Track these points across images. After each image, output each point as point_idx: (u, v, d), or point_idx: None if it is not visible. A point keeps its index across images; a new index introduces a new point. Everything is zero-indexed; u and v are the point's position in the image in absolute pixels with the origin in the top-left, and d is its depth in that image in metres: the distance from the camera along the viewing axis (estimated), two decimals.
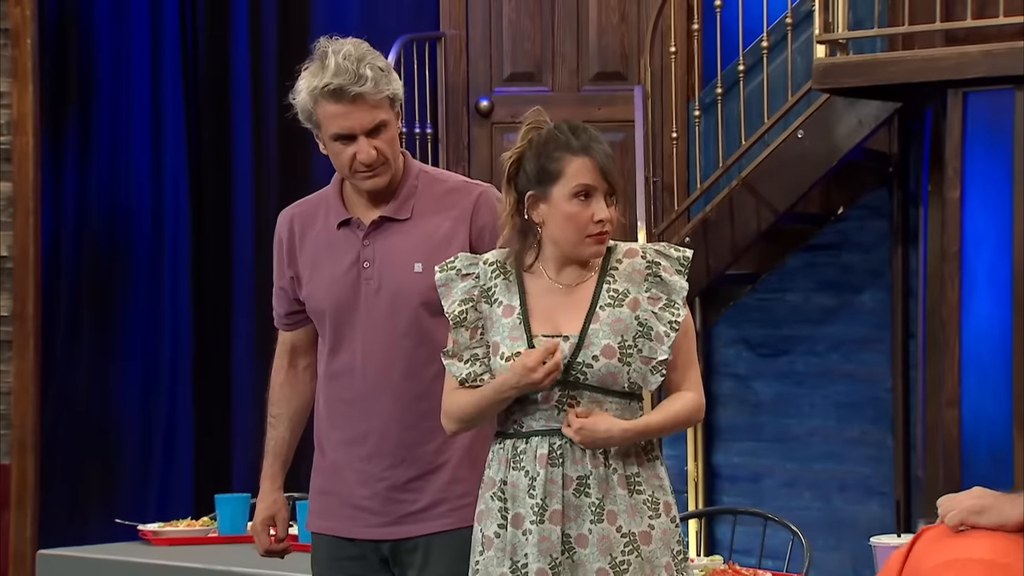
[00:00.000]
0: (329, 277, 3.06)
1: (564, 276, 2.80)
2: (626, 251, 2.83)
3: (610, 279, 2.80)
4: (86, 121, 6.77)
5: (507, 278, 2.81)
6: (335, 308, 3.05)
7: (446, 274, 2.84)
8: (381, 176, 3.03)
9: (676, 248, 2.85)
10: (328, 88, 2.98)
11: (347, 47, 3.02)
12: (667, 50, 6.19)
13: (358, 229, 3.06)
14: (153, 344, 6.75)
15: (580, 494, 2.73)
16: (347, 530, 3.07)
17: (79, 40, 6.75)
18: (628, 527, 2.73)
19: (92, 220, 6.76)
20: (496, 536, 2.76)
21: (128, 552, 4.05)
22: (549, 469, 2.73)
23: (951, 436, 5.14)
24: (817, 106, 5.70)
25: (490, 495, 2.79)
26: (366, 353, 3.03)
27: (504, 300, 2.80)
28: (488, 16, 6.67)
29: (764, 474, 6.20)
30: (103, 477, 6.70)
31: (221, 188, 6.82)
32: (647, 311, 2.77)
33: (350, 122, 2.99)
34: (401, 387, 3.01)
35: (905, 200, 5.99)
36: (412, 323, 3.01)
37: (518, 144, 2.82)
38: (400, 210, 3.05)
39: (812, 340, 6.20)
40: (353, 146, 3.00)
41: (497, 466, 2.79)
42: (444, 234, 3.03)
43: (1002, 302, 5.08)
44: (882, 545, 3.02)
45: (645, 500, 2.76)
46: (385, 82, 3.01)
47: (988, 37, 5.15)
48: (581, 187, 2.75)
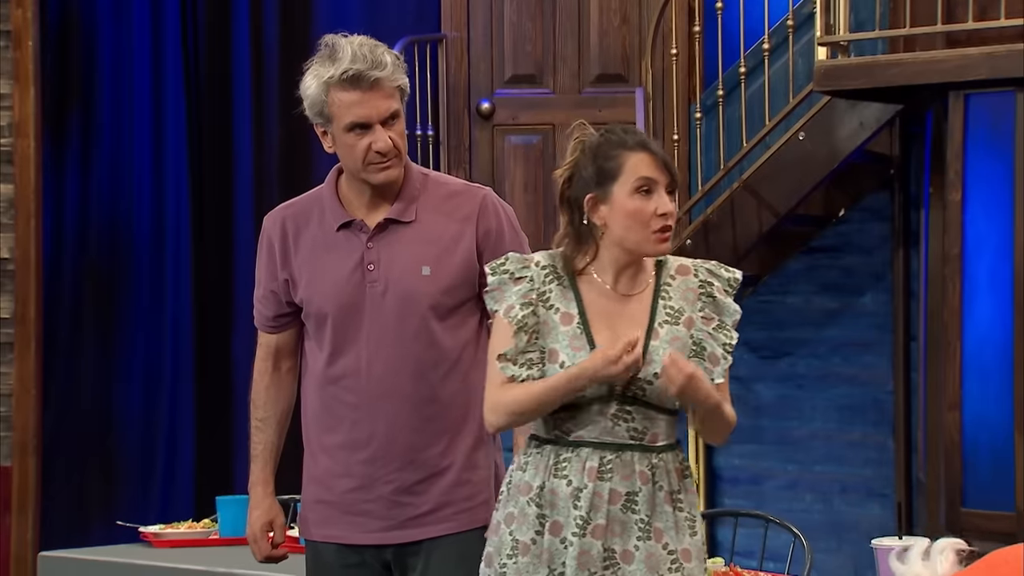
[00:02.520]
0: (331, 280, 3.03)
1: (620, 284, 2.78)
2: (678, 267, 2.82)
3: (664, 295, 2.78)
4: (88, 123, 6.77)
5: (561, 283, 2.77)
6: (338, 311, 3.02)
7: (498, 277, 2.79)
8: (394, 168, 3.00)
9: (727, 268, 2.84)
10: (347, 75, 2.94)
11: (359, 38, 3.01)
12: (668, 52, 6.19)
13: (361, 231, 3.03)
14: (154, 346, 6.75)
15: (627, 510, 2.71)
16: (349, 537, 3.05)
17: (81, 42, 6.76)
18: (674, 544, 2.73)
19: (93, 222, 6.76)
20: (532, 543, 2.73)
21: (129, 554, 4.05)
22: (597, 483, 2.70)
23: (952, 439, 5.13)
24: (818, 108, 5.70)
25: (526, 500, 2.75)
26: (372, 356, 3.00)
27: (560, 307, 2.76)
28: (489, 18, 6.67)
29: (765, 476, 6.19)
30: (104, 479, 6.70)
31: (222, 190, 6.82)
32: (701, 331, 2.76)
33: (367, 110, 2.96)
34: (408, 390, 2.99)
35: (906, 202, 5.99)
36: (420, 326, 2.99)
37: (569, 158, 2.79)
38: (405, 212, 3.03)
39: (813, 342, 6.19)
40: (369, 136, 2.97)
41: (534, 471, 2.76)
42: (451, 237, 3.02)
43: (1003, 305, 5.07)
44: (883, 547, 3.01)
45: (685, 517, 2.76)
46: (399, 71, 3.00)
47: (989, 39, 5.15)
48: (642, 181, 2.72)
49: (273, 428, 3.18)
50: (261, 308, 3.15)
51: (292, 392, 3.18)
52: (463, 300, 3.03)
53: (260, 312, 3.16)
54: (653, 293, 2.78)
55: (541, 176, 6.56)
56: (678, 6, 6.17)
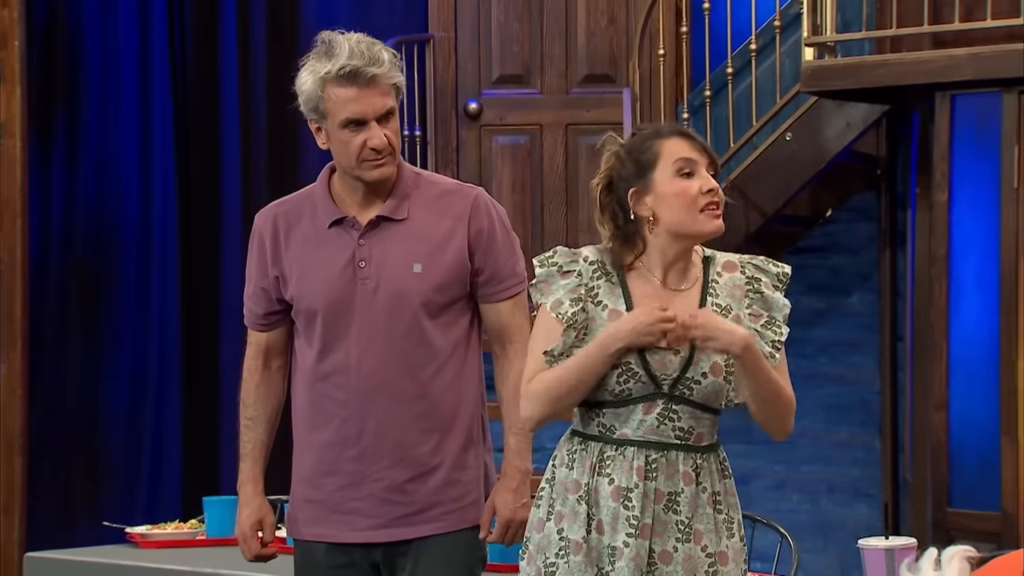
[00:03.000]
0: (322, 277, 3.02)
1: (669, 279, 2.75)
2: (724, 263, 2.79)
3: (712, 293, 2.76)
4: (74, 122, 6.75)
5: (609, 279, 2.75)
6: (329, 307, 3.01)
7: (546, 270, 2.75)
8: (388, 166, 3.00)
9: (775, 263, 2.83)
10: (344, 70, 2.95)
11: (356, 35, 3.02)
12: (656, 53, 6.19)
13: (352, 228, 3.03)
14: (141, 346, 6.74)
15: (669, 510, 2.69)
16: (338, 535, 3.04)
17: (67, 41, 6.74)
18: (712, 547, 2.71)
19: (80, 222, 6.75)
20: (584, 541, 2.70)
21: (116, 555, 4.03)
22: (645, 483, 2.69)
23: (939, 439, 5.14)
24: (805, 109, 5.70)
25: (576, 498, 2.71)
26: (362, 352, 2.99)
27: (609, 303, 2.73)
28: (477, 18, 6.67)
29: (753, 476, 6.20)
30: (91, 480, 6.69)
31: (209, 190, 6.80)
32: (749, 328, 2.74)
33: (362, 106, 2.96)
34: (399, 387, 2.99)
35: (893, 203, 6.00)
36: (412, 323, 2.98)
37: (604, 167, 2.77)
38: (397, 210, 3.02)
39: (800, 342, 6.20)
40: (364, 132, 2.97)
41: (581, 469, 2.73)
42: (443, 235, 3.01)
43: (989, 305, 5.08)
44: (870, 547, 3.01)
45: (724, 519, 2.74)
46: (396, 69, 3.01)
47: (975, 40, 5.16)
48: (682, 163, 2.70)
49: (263, 427, 3.16)
50: (251, 306, 3.14)
51: (282, 391, 3.17)
52: (454, 298, 3.03)
53: (250, 310, 3.15)
54: (701, 290, 2.76)
55: (528, 176, 6.55)
56: (665, 6, 6.18)
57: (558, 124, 6.60)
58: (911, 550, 3.00)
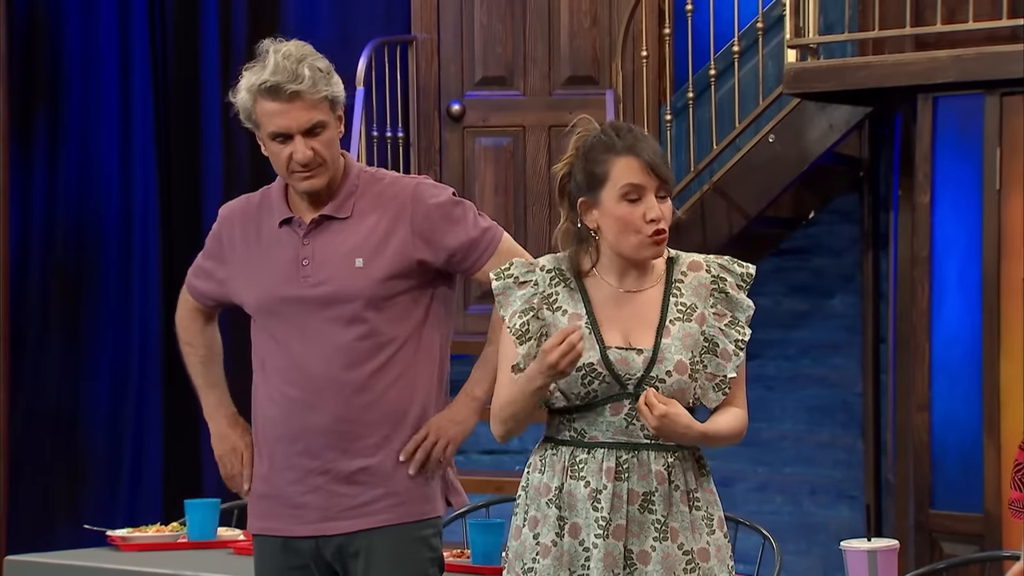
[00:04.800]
0: (267, 276, 3.09)
1: (626, 282, 2.76)
2: (690, 263, 2.80)
3: (676, 292, 2.76)
4: (55, 123, 6.73)
5: (568, 285, 2.76)
6: (273, 306, 3.07)
7: (503, 282, 2.78)
8: (318, 177, 3.04)
9: (740, 264, 2.83)
10: (265, 85, 3.01)
11: (288, 47, 3.05)
12: (639, 54, 6.19)
13: (298, 228, 3.08)
14: (122, 348, 6.72)
15: (644, 510, 2.70)
16: (288, 529, 3.06)
17: (47, 41, 6.72)
18: (689, 544, 2.71)
19: (61, 222, 6.73)
20: (553, 544, 2.71)
21: (97, 558, 4.02)
22: (616, 483, 2.69)
23: (921, 440, 5.15)
24: (788, 111, 5.71)
25: (546, 501, 2.73)
26: (305, 348, 3.03)
27: (568, 308, 2.74)
28: (459, 20, 6.66)
29: (735, 478, 6.20)
30: (71, 482, 6.66)
31: (191, 190, 6.79)
32: (713, 327, 2.75)
33: (287, 121, 3.01)
34: (341, 380, 3.01)
35: (875, 204, 6.01)
36: (353, 317, 3.01)
37: (567, 154, 2.77)
38: (340, 209, 3.07)
39: (783, 344, 6.20)
40: (290, 146, 3.02)
41: (551, 472, 2.74)
42: (384, 229, 3.04)
43: (972, 306, 5.09)
44: (852, 549, 3.01)
45: (703, 516, 2.75)
46: (324, 83, 3.03)
47: (958, 42, 5.17)
48: (628, 188, 2.70)
49: (219, 364, 3.25)
50: (196, 281, 3.25)
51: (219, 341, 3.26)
52: (401, 291, 3.05)
53: (194, 283, 3.26)
54: (664, 290, 2.76)
55: (512, 178, 6.55)
56: (648, 8, 6.18)
57: (541, 126, 6.59)
58: (893, 552, 3.00)
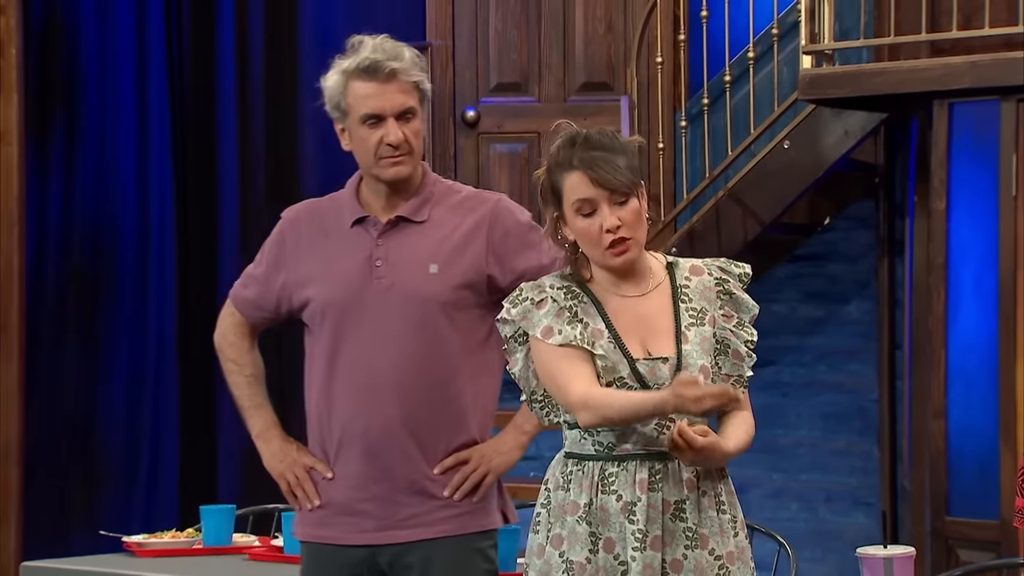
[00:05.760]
0: (337, 275, 3.03)
1: (624, 288, 2.75)
2: (690, 268, 2.79)
3: (685, 298, 2.76)
4: (71, 130, 6.75)
5: (580, 299, 2.74)
6: (341, 305, 3.01)
7: (522, 307, 2.74)
8: (405, 164, 3.02)
9: (736, 264, 2.82)
10: (363, 64, 3.01)
11: (383, 36, 3.09)
12: (654, 60, 6.19)
13: (372, 228, 3.04)
14: (138, 353, 6.73)
15: (676, 519, 2.70)
16: (342, 537, 3.01)
17: (64, 48, 6.74)
18: (720, 549, 2.71)
19: (77, 229, 6.74)
20: (588, 562, 2.69)
21: (112, 564, 4.02)
22: (650, 494, 2.68)
23: (937, 447, 5.14)
24: (803, 117, 5.70)
25: (574, 519, 2.70)
26: (372, 351, 2.99)
27: (590, 322, 2.73)
28: (474, 26, 6.67)
29: (751, 485, 6.19)
30: (87, 488, 6.68)
31: (207, 196, 6.80)
32: (723, 328, 2.75)
33: (380, 102, 3.00)
34: (409, 387, 2.98)
35: (891, 211, 6.00)
36: (425, 323, 2.98)
37: (542, 167, 2.79)
38: (417, 212, 3.04)
39: (799, 350, 6.19)
40: (381, 129, 3.00)
41: (578, 489, 2.71)
42: (461, 239, 3.02)
43: (988, 313, 5.08)
44: (868, 556, 3.00)
45: (728, 520, 2.75)
46: (417, 69, 3.05)
47: (973, 48, 5.16)
48: (579, 202, 2.69)
49: (264, 384, 3.19)
50: (247, 292, 3.16)
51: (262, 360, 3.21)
52: (470, 304, 3.03)
53: (244, 295, 3.16)
54: (672, 296, 2.76)
55: (526, 184, 6.55)
56: (663, 14, 6.18)
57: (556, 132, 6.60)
58: (910, 559, 2.99)
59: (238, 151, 6.76)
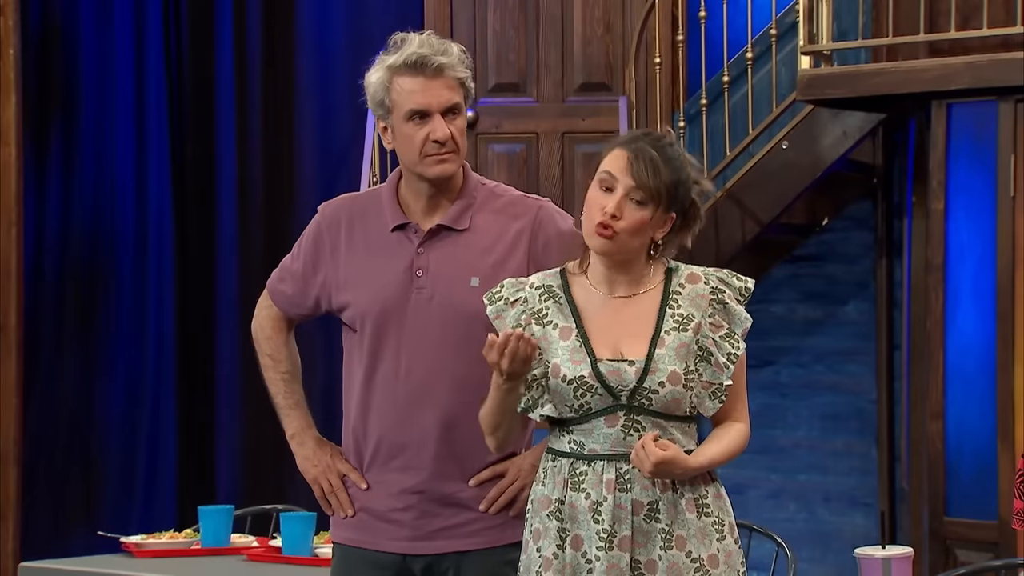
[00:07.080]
0: (378, 282, 2.98)
1: (617, 289, 2.77)
2: (688, 275, 2.80)
3: (674, 304, 2.76)
4: (70, 131, 6.75)
5: (556, 300, 2.77)
6: (380, 314, 2.97)
7: (496, 306, 2.79)
8: (451, 162, 2.95)
9: (738, 277, 2.83)
10: (410, 59, 2.94)
11: (428, 33, 3.02)
12: (652, 61, 6.19)
13: (414, 235, 2.98)
14: (137, 355, 6.73)
15: (650, 519, 2.70)
16: (376, 542, 2.99)
17: (63, 49, 6.74)
18: (697, 552, 2.71)
19: (76, 230, 6.75)
20: (555, 557, 2.71)
21: (110, 564, 4.02)
22: (617, 495, 2.69)
23: (936, 448, 5.14)
24: (801, 117, 5.71)
25: (547, 514, 2.73)
26: (411, 363, 2.95)
27: (559, 322, 2.75)
28: (473, 27, 6.67)
29: (749, 485, 6.19)
30: (86, 489, 6.68)
31: (205, 198, 6.80)
32: (707, 336, 2.75)
33: (427, 98, 2.93)
34: (446, 399, 2.94)
35: (889, 211, 6.00)
36: (464, 337, 2.92)
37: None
38: (459, 220, 2.98)
39: (797, 351, 6.20)
40: (428, 125, 2.93)
41: (552, 484, 2.74)
42: (503, 250, 2.97)
43: (986, 314, 5.08)
44: (867, 557, 3.01)
45: (713, 523, 2.74)
46: (464, 66, 2.99)
47: (971, 48, 5.17)
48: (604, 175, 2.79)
49: (300, 381, 3.11)
50: (283, 287, 3.09)
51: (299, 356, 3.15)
52: None
53: (282, 289, 3.09)
54: (661, 300, 2.77)
55: (525, 184, 6.55)
56: (661, 15, 6.18)
57: (554, 132, 6.60)
58: (908, 559, 2.99)
59: (236, 151, 6.76)
